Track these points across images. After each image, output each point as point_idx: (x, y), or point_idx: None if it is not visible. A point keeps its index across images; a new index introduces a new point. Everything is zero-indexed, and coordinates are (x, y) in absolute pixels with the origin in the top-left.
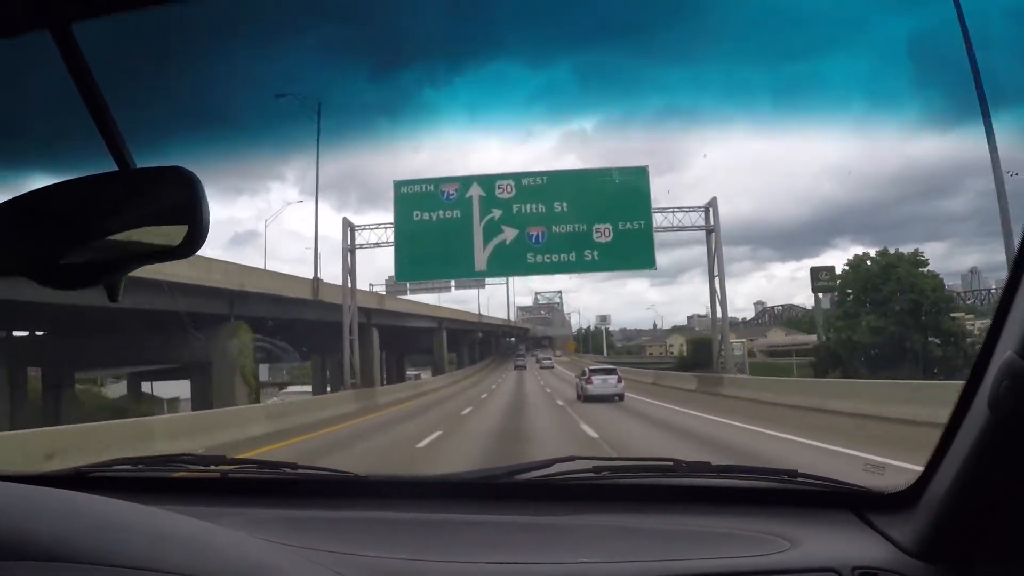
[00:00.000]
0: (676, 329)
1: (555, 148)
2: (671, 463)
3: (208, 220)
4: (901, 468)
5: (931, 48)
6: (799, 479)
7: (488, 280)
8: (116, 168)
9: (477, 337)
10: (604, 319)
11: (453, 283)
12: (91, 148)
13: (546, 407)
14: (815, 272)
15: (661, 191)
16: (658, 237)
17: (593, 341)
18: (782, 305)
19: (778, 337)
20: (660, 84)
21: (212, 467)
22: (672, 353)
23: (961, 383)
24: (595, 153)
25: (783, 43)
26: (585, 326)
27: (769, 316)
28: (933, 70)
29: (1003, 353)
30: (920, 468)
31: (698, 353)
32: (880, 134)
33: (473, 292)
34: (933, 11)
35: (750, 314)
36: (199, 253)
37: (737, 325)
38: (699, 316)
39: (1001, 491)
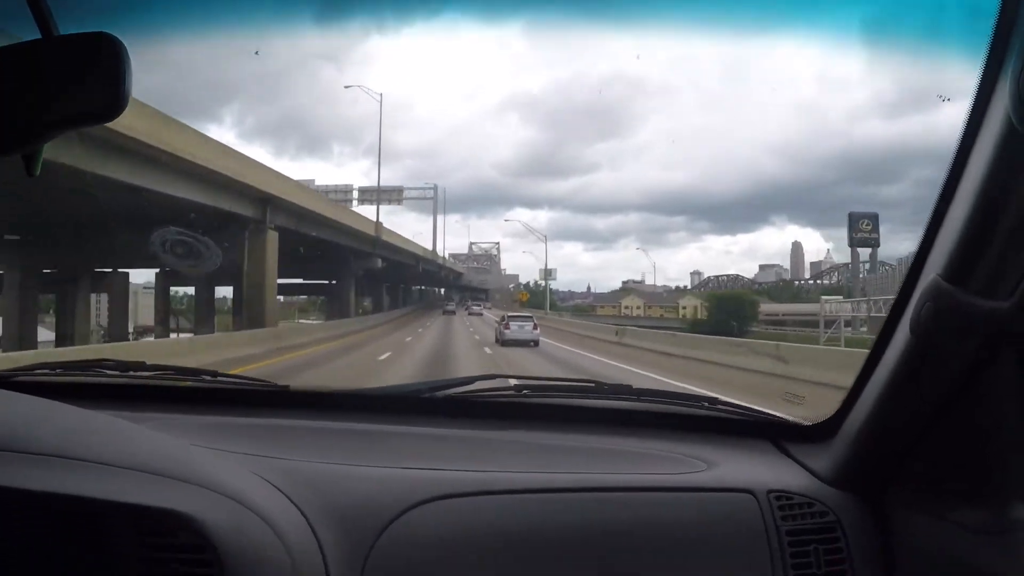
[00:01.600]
0: (626, 290)
1: (500, 105)
2: (593, 384)
3: (130, 85)
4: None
5: (884, 33)
6: (719, 407)
7: (407, 189)
8: (39, 36)
9: (375, 267)
10: (550, 272)
11: (355, 192)
12: (14, 12)
13: None
14: (855, 220)
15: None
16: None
17: (535, 298)
18: (726, 275)
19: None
20: (608, 50)
21: (132, 373)
22: (628, 314)
23: None
24: (539, 114)
25: (734, 19)
26: (525, 281)
27: (713, 285)
28: (884, 57)
29: (928, 277)
30: None
31: (720, 314)
32: (826, 115)
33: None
34: None
35: (684, 283)
36: None
37: (676, 292)
38: (635, 281)
39: (917, 419)
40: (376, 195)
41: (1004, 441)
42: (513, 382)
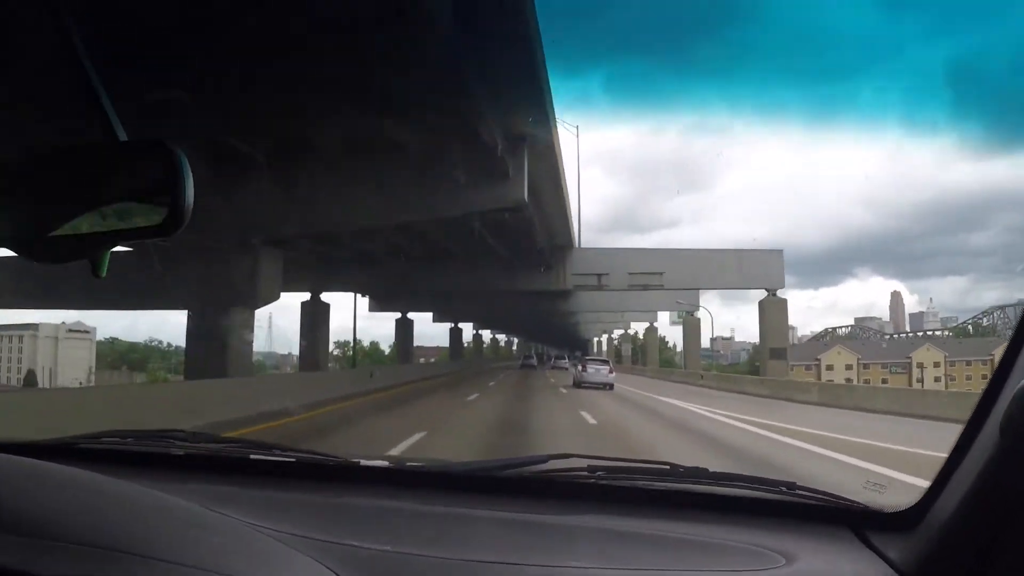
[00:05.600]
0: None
1: (583, 160)
2: (668, 467)
3: (191, 198)
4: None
5: (969, 74)
6: (797, 491)
7: None
8: (103, 139)
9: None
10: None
11: None
12: (78, 120)
13: None
14: None
15: (685, 210)
16: None
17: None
18: (848, 325)
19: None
20: (692, 99)
21: (201, 444)
22: (832, 379)
23: None
24: (622, 166)
25: (818, 63)
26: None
27: (831, 338)
28: (971, 97)
29: (1019, 379)
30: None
31: None
32: (913, 161)
33: None
34: (973, 37)
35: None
36: None
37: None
38: (723, 338)
39: (1005, 519)
40: None
41: None
42: (587, 462)
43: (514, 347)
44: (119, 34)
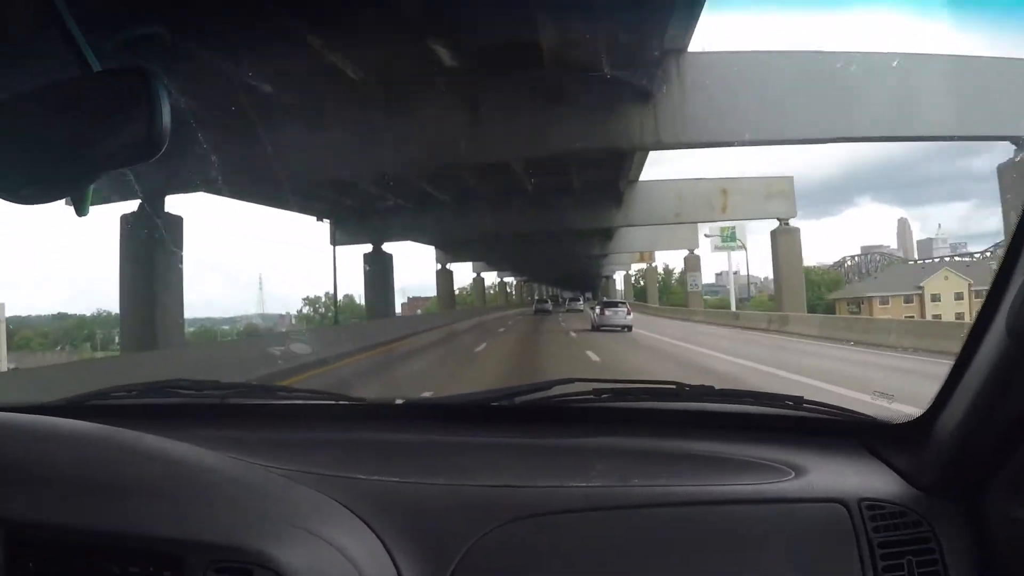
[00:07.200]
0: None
1: None
2: (674, 386)
3: (168, 120)
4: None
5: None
6: (805, 406)
7: None
8: (78, 73)
9: None
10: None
11: None
12: (52, 54)
13: None
14: None
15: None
16: None
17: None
18: (859, 253)
19: None
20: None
21: (206, 392)
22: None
23: None
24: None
25: None
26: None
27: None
28: (970, 17)
29: (1022, 276)
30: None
31: None
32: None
33: None
34: None
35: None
36: None
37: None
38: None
39: (1016, 424)
40: None
41: None
42: (592, 386)
43: (510, 290)
44: None
